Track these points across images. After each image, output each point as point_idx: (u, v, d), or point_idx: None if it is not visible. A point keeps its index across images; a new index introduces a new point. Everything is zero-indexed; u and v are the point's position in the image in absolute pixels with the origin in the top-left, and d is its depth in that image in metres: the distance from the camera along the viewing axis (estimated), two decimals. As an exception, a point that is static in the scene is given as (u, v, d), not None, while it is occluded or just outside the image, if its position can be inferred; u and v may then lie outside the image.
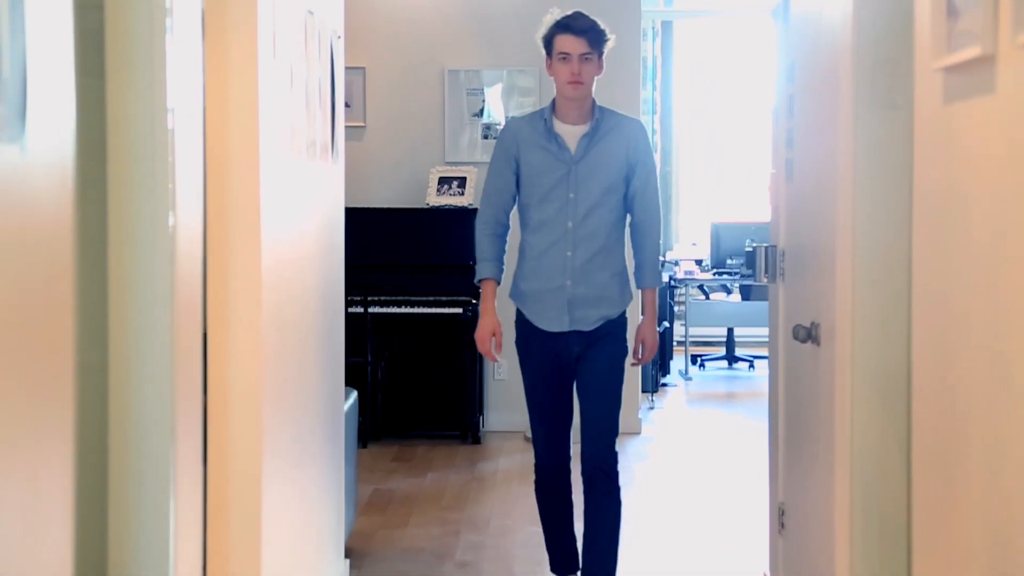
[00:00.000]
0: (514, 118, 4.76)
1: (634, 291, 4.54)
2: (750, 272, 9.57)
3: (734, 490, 6.79)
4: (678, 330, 11.03)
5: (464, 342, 7.81)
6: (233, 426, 3.48)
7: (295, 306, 4.03)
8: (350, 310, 6.88)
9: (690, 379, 10.66)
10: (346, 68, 5.07)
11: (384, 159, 8.24)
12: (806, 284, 3.85)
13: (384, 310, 7.77)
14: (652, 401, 9.33)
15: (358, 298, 7.50)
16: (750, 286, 10.64)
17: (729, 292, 11.27)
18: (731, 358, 11.13)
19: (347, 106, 6.92)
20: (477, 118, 8.23)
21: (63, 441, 2.02)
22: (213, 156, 3.40)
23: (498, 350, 4.42)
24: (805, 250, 3.89)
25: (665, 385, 10.18)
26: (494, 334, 4.39)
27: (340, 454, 4.84)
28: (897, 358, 2.98)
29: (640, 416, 8.35)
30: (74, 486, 2.08)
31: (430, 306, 7.81)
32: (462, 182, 8.03)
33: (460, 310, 7.75)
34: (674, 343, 10.91)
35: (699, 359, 11.23)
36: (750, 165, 11.88)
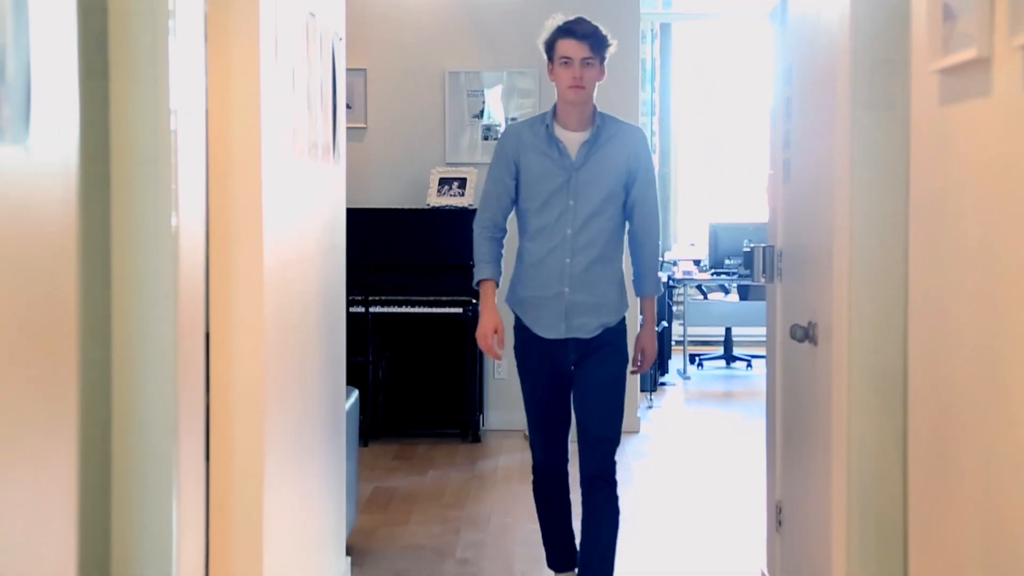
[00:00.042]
0: (515, 123, 4.70)
1: (631, 299, 4.50)
2: (748, 272, 9.60)
3: (732, 488, 6.80)
4: (676, 330, 11.05)
5: (464, 341, 7.83)
6: (235, 424, 3.48)
7: (297, 306, 4.03)
8: (351, 310, 6.90)
9: (688, 378, 10.68)
10: (347, 70, 5.06)
11: (385, 160, 8.26)
12: (803, 284, 3.85)
13: (385, 310, 7.78)
14: (651, 400, 9.36)
15: (359, 298, 7.51)
16: (748, 286, 10.65)
17: (727, 292, 11.28)
18: (729, 357, 11.14)
19: (348, 107, 6.93)
20: (477, 119, 8.24)
21: (67, 439, 2.02)
22: (215, 157, 3.40)
23: (500, 346, 4.36)
24: (802, 250, 3.89)
25: (664, 384, 10.20)
26: (496, 330, 4.33)
27: (341, 452, 4.83)
28: (893, 357, 2.99)
29: (639, 415, 8.37)
30: (77, 483, 2.08)
31: (431, 306, 7.82)
32: (462, 183, 8.05)
33: (460, 310, 7.77)
34: (672, 343, 10.92)
35: (697, 358, 11.24)
36: (748, 166, 11.88)
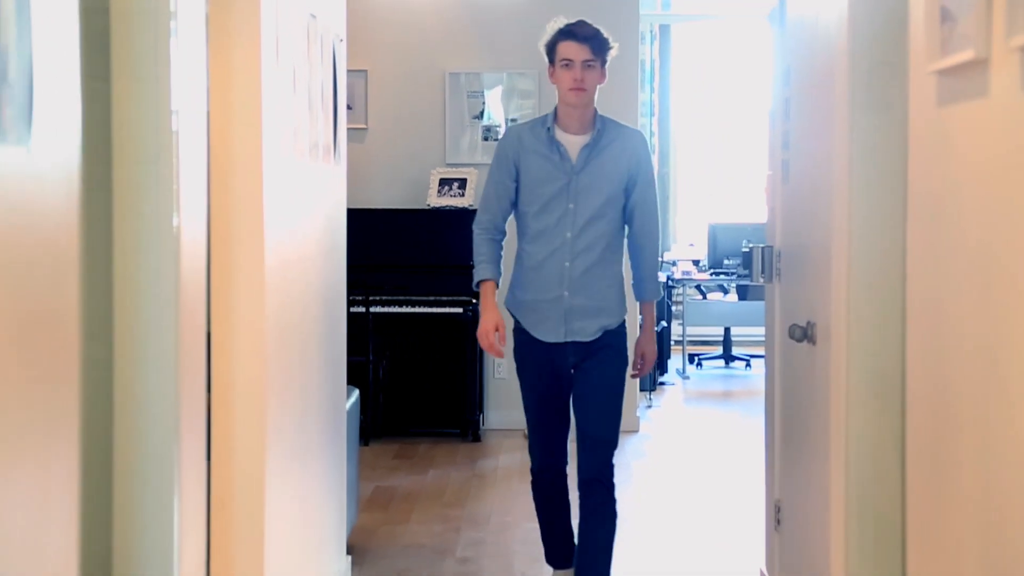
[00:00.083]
0: (515, 125, 4.67)
1: (630, 302, 4.48)
2: (747, 272, 9.55)
3: (731, 487, 6.80)
4: (675, 329, 11.06)
5: (464, 341, 7.84)
6: (236, 424, 3.48)
7: (298, 306, 4.03)
8: (352, 310, 6.91)
9: (687, 378, 10.69)
10: (348, 71, 5.06)
11: (385, 161, 8.27)
12: (802, 284, 3.85)
13: (385, 310, 7.79)
14: (650, 399, 9.36)
15: (360, 298, 7.52)
16: (747, 286, 10.66)
17: (726, 292, 11.29)
18: (728, 357, 11.15)
19: (349, 108, 6.92)
20: (477, 120, 8.26)
21: (69, 438, 2.03)
22: (217, 157, 3.40)
23: (502, 343, 4.32)
24: (801, 250, 3.89)
25: (663, 384, 10.21)
26: (497, 328, 4.30)
27: (342, 452, 4.83)
28: (892, 357, 2.99)
29: (638, 414, 8.38)
30: (79, 482, 2.09)
31: (431, 306, 7.84)
32: (462, 183, 8.06)
33: (460, 310, 7.79)
34: (672, 342, 10.93)
35: (696, 358, 11.25)
36: (747, 167, 11.89)
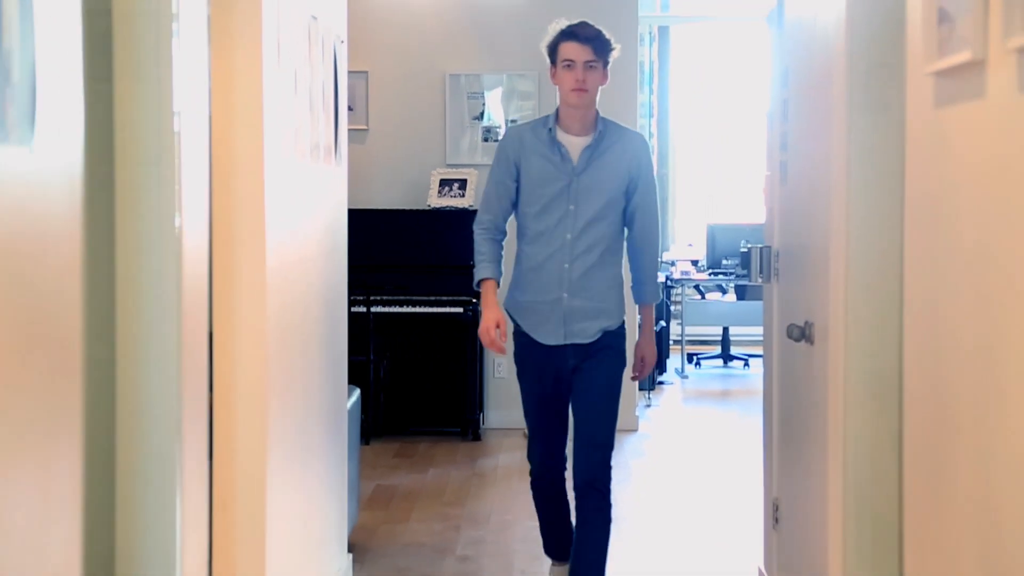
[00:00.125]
0: (516, 125, 4.63)
1: (629, 304, 4.48)
2: (745, 272, 9.58)
3: (729, 486, 6.81)
4: (674, 329, 11.08)
5: (465, 341, 7.85)
6: (238, 423, 3.49)
7: (299, 305, 4.04)
8: (353, 309, 6.90)
9: (686, 377, 10.71)
10: (349, 72, 5.06)
11: (386, 161, 8.28)
12: (800, 284, 3.85)
13: (386, 310, 7.81)
14: (649, 399, 9.38)
15: (361, 298, 7.53)
16: (745, 286, 10.68)
17: (724, 292, 11.30)
18: (726, 357, 11.16)
19: (350, 109, 6.94)
20: (477, 121, 8.27)
21: (72, 438, 2.04)
22: (219, 158, 3.40)
23: (503, 339, 4.29)
24: (799, 251, 3.89)
25: (662, 383, 10.22)
26: (498, 324, 4.27)
27: (343, 451, 4.84)
28: (889, 357, 2.99)
29: (637, 413, 8.40)
30: (82, 481, 2.10)
31: (431, 306, 7.85)
32: (463, 184, 8.08)
33: (461, 309, 7.80)
34: (670, 342, 10.95)
35: (695, 357, 11.26)
36: (745, 167, 11.91)
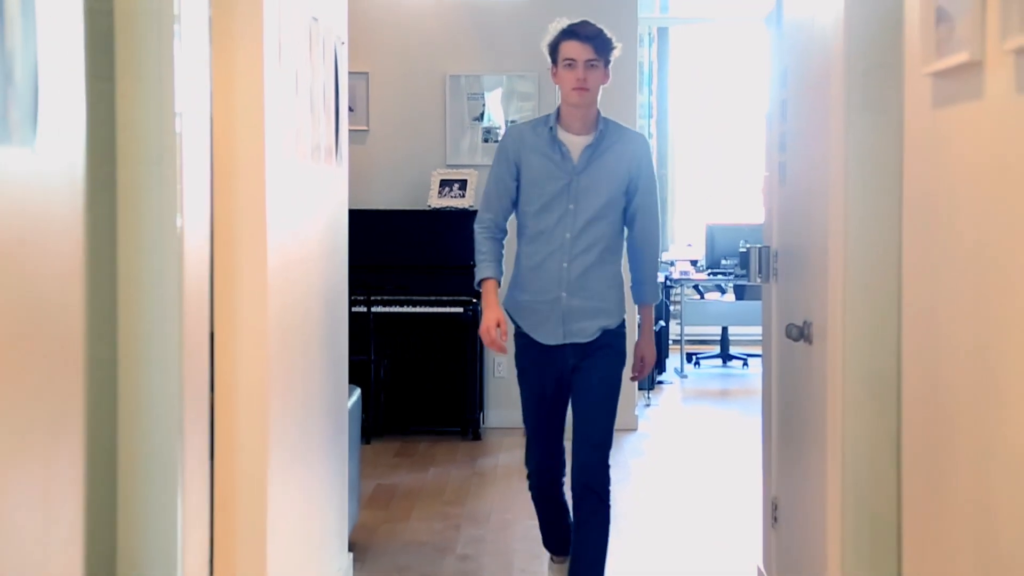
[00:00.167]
0: (517, 124, 4.60)
1: (629, 304, 4.47)
2: (744, 272, 9.61)
3: (728, 485, 6.83)
4: (674, 329, 11.10)
5: (465, 341, 7.87)
6: (239, 423, 3.50)
7: (300, 306, 4.04)
8: (353, 309, 6.92)
9: (685, 377, 10.73)
10: (350, 73, 5.07)
11: (387, 162, 8.30)
12: (798, 284, 3.86)
13: (386, 309, 7.82)
14: (648, 398, 9.40)
15: (361, 298, 7.54)
16: (744, 286, 10.70)
17: (723, 292, 11.32)
18: (725, 356, 11.18)
19: (351, 110, 6.96)
20: (477, 122, 8.29)
21: (74, 437, 2.04)
22: (220, 159, 3.41)
23: (504, 338, 4.28)
24: (797, 251, 3.90)
25: (661, 382, 10.24)
26: (499, 324, 4.25)
27: (344, 450, 4.85)
28: (887, 356, 2.99)
29: (636, 413, 8.41)
30: (84, 480, 2.10)
31: (431, 305, 7.87)
32: (463, 184, 8.10)
33: (461, 309, 7.82)
34: (670, 342, 10.98)
35: (694, 357, 11.28)
36: (744, 168, 11.92)
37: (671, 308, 11.06)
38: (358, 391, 5.45)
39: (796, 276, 3.92)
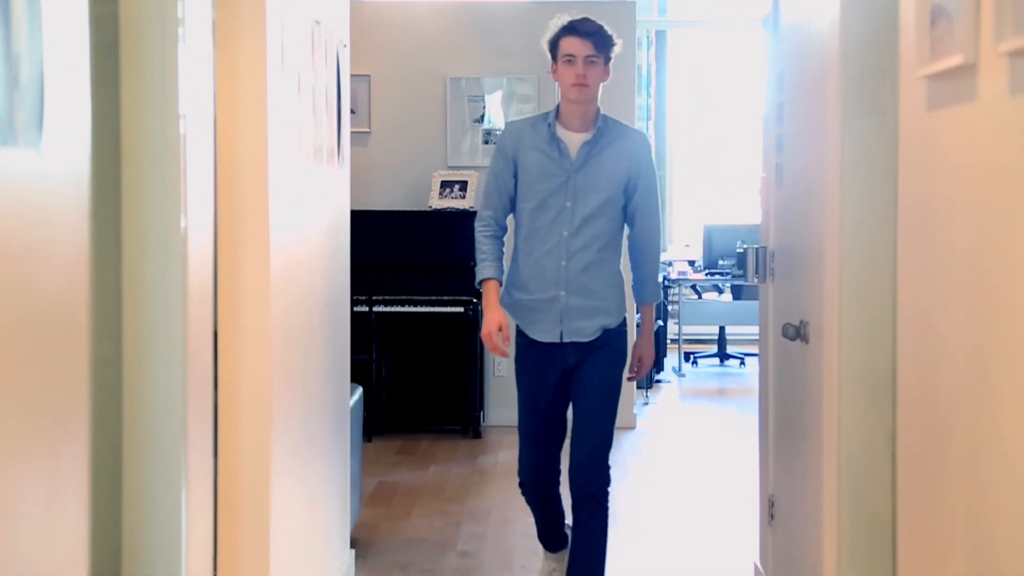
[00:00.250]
0: (515, 121, 4.45)
1: (629, 304, 4.44)
2: (741, 272, 9.66)
3: (726, 483, 6.84)
4: (672, 328, 11.13)
5: (465, 340, 7.89)
6: (243, 421, 3.50)
7: (302, 305, 4.04)
8: (355, 309, 6.94)
9: (683, 376, 10.75)
10: (351, 76, 5.07)
11: (388, 163, 8.32)
12: (795, 284, 3.86)
13: (388, 309, 7.84)
14: (646, 397, 9.42)
15: (363, 298, 7.56)
16: (741, 286, 10.72)
17: (721, 292, 11.34)
18: (723, 355, 11.21)
19: (352, 112, 6.96)
20: (478, 124, 8.32)
21: (79, 435, 2.05)
22: (223, 160, 3.42)
23: (506, 343, 4.21)
24: (794, 251, 3.90)
25: (659, 381, 10.27)
26: (500, 327, 4.19)
27: (346, 448, 4.85)
28: (883, 356, 2.99)
29: (635, 411, 8.44)
30: (89, 478, 2.11)
31: (432, 305, 7.89)
32: (463, 186, 8.12)
33: (461, 309, 7.84)
34: (668, 341, 11.00)
35: (692, 356, 11.32)
36: (741, 169, 11.94)
37: (669, 308, 11.09)
38: (360, 390, 5.46)
39: (793, 276, 3.93)
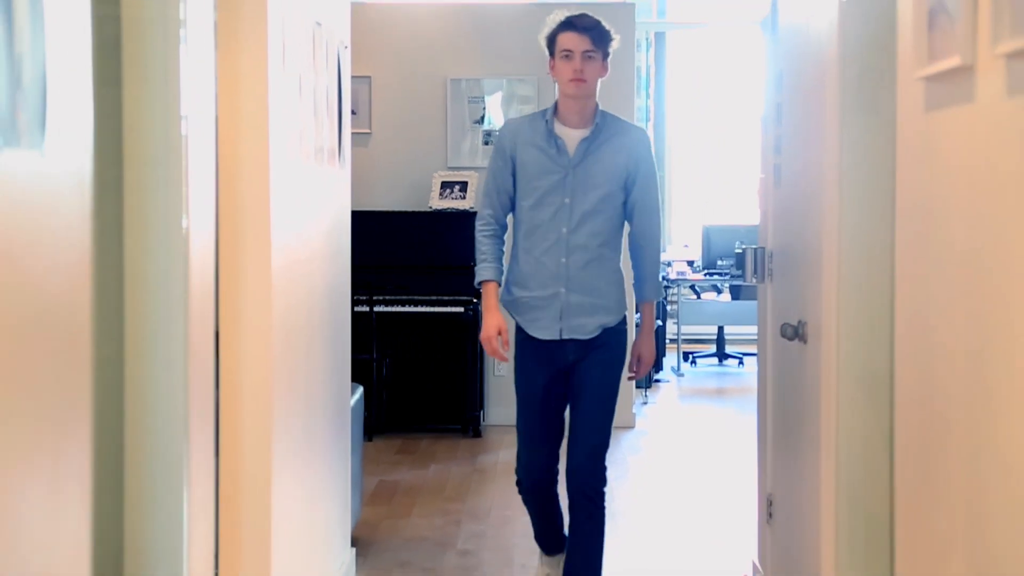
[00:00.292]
0: (513, 118, 4.49)
1: (629, 303, 4.42)
2: (740, 273, 9.63)
3: (724, 482, 6.86)
4: (671, 328, 11.15)
5: (465, 340, 7.90)
6: (244, 420, 3.50)
7: (303, 305, 4.05)
8: (356, 309, 6.94)
9: (682, 375, 10.77)
10: (352, 77, 5.07)
11: (389, 164, 8.34)
12: (793, 284, 3.87)
13: (388, 309, 7.86)
14: (645, 396, 9.44)
15: (364, 298, 7.57)
16: (740, 286, 10.73)
17: (719, 292, 11.35)
18: (721, 355, 11.23)
19: (353, 113, 6.95)
20: (478, 125, 8.34)
21: (81, 435, 2.06)
22: (225, 161, 3.42)
23: (505, 347, 4.20)
24: (792, 251, 3.91)
25: (658, 381, 10.29)
26: (500, 332, 4.18)
27: (347, 447, 4.86)
28: (880, 355, 3.00)
29: (634, 411, 8.46)
30: (91, 477, 2.11)
31: (432, 305, 7.91)
32: (463, 186, 8.14)
33: (461, 309, 7.86)
34: (667, 341, 11.02)
35: (691, 356, 11.34)
36: (740, 170, 11.96)
37: (668, 308, 11.11)
38: (360, 389, 5.46)
39: (791, 276, 3.93)
